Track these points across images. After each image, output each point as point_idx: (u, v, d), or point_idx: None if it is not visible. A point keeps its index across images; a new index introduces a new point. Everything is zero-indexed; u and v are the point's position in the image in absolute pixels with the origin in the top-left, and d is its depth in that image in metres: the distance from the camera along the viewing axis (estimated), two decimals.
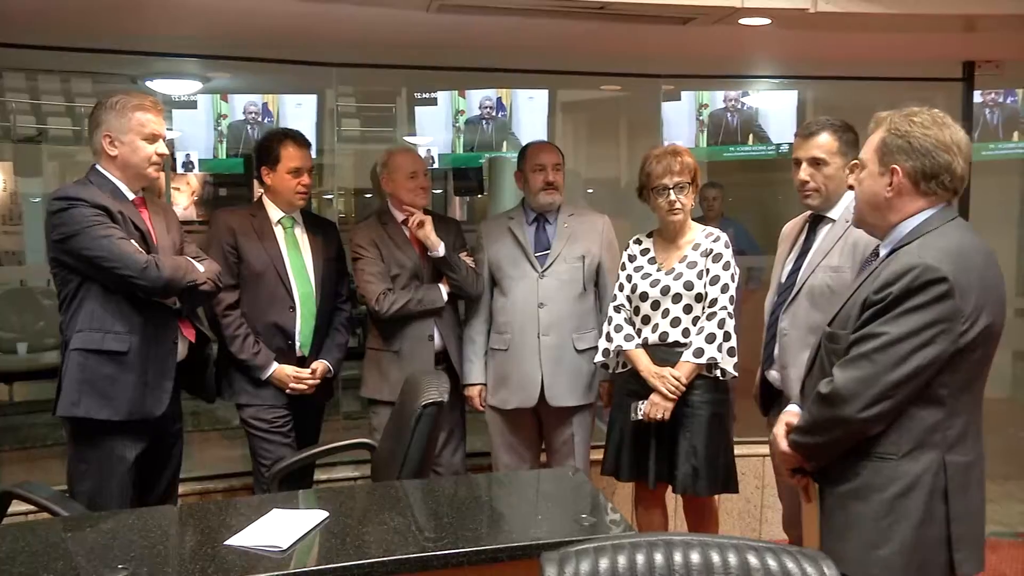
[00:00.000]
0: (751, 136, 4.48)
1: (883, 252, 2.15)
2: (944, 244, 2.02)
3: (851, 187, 2.23)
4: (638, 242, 3.39)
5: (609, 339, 3.30)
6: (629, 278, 3.31)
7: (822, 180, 2.87)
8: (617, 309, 3.32)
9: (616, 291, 3.36)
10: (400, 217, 3.59)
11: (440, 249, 3.51)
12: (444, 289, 3.57)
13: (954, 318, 1.96)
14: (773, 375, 2.99)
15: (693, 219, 3.35)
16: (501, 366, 3.59)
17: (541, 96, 4.41)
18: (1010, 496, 4.86)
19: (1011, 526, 4.49)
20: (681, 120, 4.48)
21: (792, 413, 2.26)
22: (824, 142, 2.86)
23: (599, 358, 3.37)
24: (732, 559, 1.58)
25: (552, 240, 3.57)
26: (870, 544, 2.04)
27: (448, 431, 3.63)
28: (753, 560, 1.58)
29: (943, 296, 1.95)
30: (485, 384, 3.64)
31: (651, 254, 3.33)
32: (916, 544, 2.02)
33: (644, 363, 3.20)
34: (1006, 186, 5.64)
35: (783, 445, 2.22)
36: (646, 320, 3.26)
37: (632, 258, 3.36)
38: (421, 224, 3.50)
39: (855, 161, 2.24)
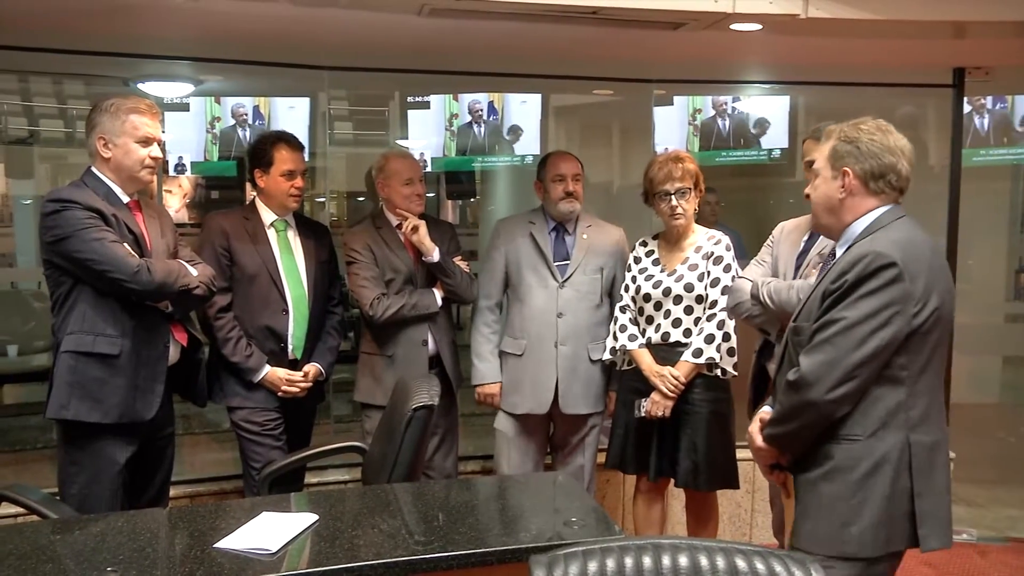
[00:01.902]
0: (743, 141, 4.50)
1: (839, 252, 2.29)
2: (893, 236, 2.16)
3: (807, 196, 2.37)
4: (643, 244, 3.49)
5: (615, 338, 3.41)
6: (634, 279, 3.41)
7: None
8: (623, 310, 3.43)
9: (622, 292, 3.46)
10: (395, 221, 3.59)
11: (435, 254, 3.51)
12: (438, 294, 3.57)
13: (906, 300, 2.09)
14: (773, 368, 3.04)
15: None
16: (514, 371, 3.60)
17: (534, 100, 4.42)
18: (999, 501, 4.87)
19: (1000, 531, 4.50)
20: (673, 125, 4.48)
21: (766, 411, 2.34)
22: None
23: (606, 356, 3.47)
24: (720, 563, 1.59)
25: (571, 250, 3.59)
26: (842, 523, 2.14)
27: (440, 435, 3.64)
28: (741, 564, 1.59)
29: (894, 280, 2.09)
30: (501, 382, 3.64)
31: (655, 256, 3.42)
32: (885, 520, 2.13)
33: (646, 362, 3.30)
34: (996, 192, 5.67)
35: (759, 440, 2.32)
36: (649, 320, 3.36)
37: (637, 260, 3.45)
38: (415, 229, 3.50)
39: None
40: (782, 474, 2.34)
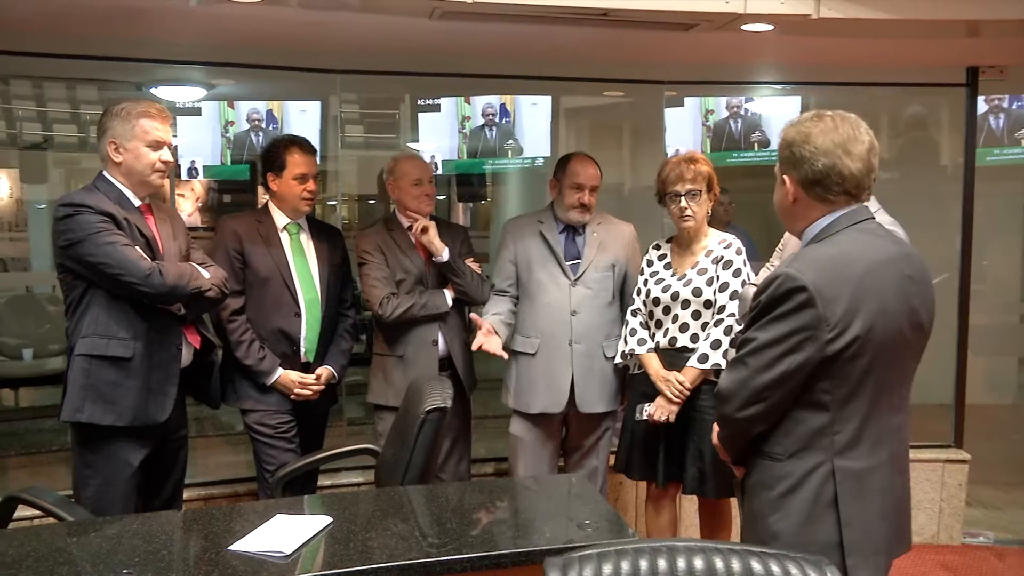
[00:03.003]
0: (756, 144, 4.48)
1: None
2: (821, 253, 2.05)
3: None
4: (657, 247, 3.47)
5: (625, 342, 3.39)
6: (645, 283, 3.39)
7: None
8: (634, 313, 3.42)
9: (634, 295, 3.44)
10: (406, 223, 3.60)
11: (444, 254, 3.52)
12: (449, 294, 3.57)
13: (818, 326, 1.97)
14: None
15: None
16: (527, 370, 3.57)
17: (544, 102, 4.42)
18: (1016, 503, 4.84)
19: (1018, 533, 4.47)
20: (684, 126, 4.47)
21: None
22: None
23: (617, 359, 3.46)
24: (736, 565, 1.58)
25: (582, 249, 3.58)
26: (761, 539, 2.10)
27: (452, 439, 3.63)
28: (757, 566, 1.58)
29: (803, 305, 1.97)
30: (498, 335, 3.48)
31: (667, 259, 3.40)
32: (801, 544, 2.02)
33: (653, 367, 3.29)
34: (1011, 192, 5.63)
35: (714, 437, 2.31)
36: (658, 324, 3.34)
37: (650, 263, 3.44)
38: (425, 230, 3.51)
39: None
40: (740, 468, 2.30)
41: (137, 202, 2.89)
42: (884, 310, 2.01)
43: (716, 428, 2.31)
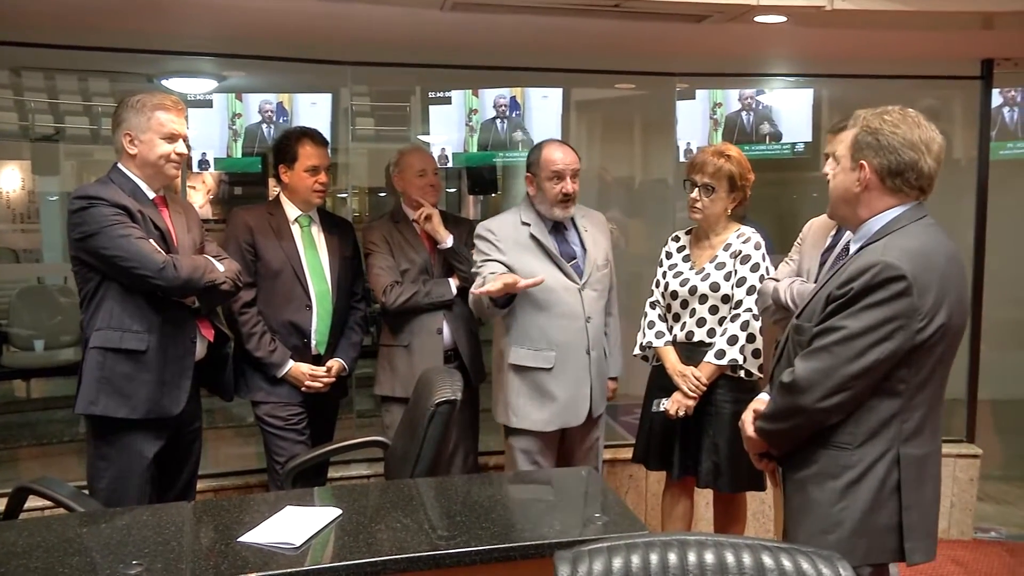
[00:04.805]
0: (767, 137, 4.45)
1: (853, 248, 2.22)
2: (907, 244, 2.07)
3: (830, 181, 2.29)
4: (676, 239, 3.44)
5: (644, 334, 3.37)
6: (664, 275, 3.36)
7: None
8: (652, 305, 3.40)
9: (653, 287, 3.41)
10: (412, 215, 3.60)
11: (448, 241, 3.53)
12: (454, 283, 3.57)
13: (911, 315, 2.01)
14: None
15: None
16: (542, 386, 3.30)
17: (555, 95, 4.40)
18: None
19: None
20: (696, 119, 4.45)
21: (761, 400, 2.31)
22: None
23: (636, 351, 3.43)
24: (747, 559, 1.58)
25: (577, 248, 3.37)
26: (822, 529, 2.11)
27: (458, 432, 3.60)
28: (768, 560, 1.57)
29: (901, 293, 2.01)
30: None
31: (686, 252, 3.37)
32: (864, 530, 2.08)
33: (671, 361, 3.28)
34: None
35: (749, 431, 2.29)
36: (676, 318, 3.32)
37: (668, 255, 3.41)
38: (428, 217, 3.52)
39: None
40: (771, 463, 2.33)
41: (151, 195, 2.90)
42: (960, 299, 2.11)
43: (748, 421, 2.29)
